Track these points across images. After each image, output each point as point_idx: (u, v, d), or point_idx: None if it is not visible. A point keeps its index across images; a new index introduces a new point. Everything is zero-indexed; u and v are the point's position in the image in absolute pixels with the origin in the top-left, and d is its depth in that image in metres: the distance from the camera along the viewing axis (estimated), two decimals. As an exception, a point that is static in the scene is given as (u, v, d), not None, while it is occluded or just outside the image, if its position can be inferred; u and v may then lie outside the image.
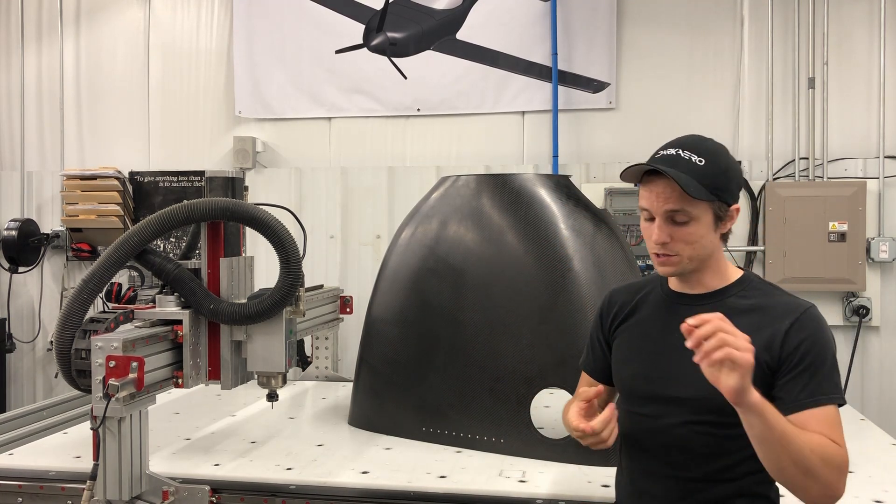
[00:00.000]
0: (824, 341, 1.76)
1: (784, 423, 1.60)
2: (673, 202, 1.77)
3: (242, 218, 2.54)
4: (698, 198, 1.74)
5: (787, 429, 1.60)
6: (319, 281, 4.19)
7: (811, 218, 4.67)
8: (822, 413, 1.69)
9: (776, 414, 1.60)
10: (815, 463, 1.61)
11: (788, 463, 1.61)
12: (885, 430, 3.20)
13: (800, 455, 1.60)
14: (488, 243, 2.98)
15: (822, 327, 1.78)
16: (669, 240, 1.79)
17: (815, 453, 1.61)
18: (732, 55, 4.96)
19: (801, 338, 1.74)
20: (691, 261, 1.82)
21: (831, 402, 1.71)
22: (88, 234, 5.58)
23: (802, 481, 1.62)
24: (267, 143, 5.49)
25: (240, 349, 2.64)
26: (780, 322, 1.76)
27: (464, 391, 2.92)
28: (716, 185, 1.78)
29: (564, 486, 2.50)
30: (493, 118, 5.22)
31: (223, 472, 2.63)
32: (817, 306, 1.83)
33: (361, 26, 5.31)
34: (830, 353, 1.76)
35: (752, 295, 1.84)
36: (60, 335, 2.37)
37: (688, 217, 1.77)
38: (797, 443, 1.60)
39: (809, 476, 1.61)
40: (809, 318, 1.77)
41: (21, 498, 2.56)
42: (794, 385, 1.72)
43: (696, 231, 1.79)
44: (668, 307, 1.91)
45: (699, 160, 1.77)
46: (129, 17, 5.70)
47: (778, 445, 1.60)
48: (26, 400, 5.64)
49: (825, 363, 1.74)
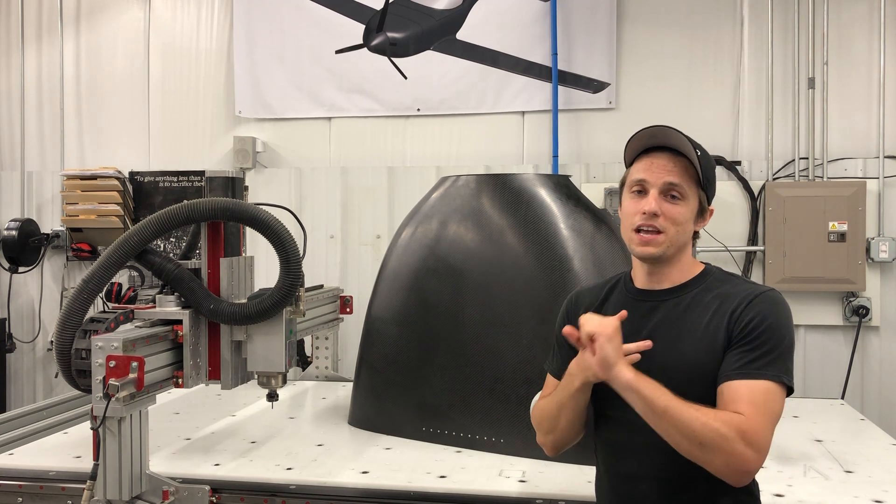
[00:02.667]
0: (776, 321, 1.76)
1: (668, 399, 1.65)
2: (675, 176, 1.82)
3: (242, 218, 2.54)
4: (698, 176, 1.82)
5: (672, 404, 1.64)
6: (319, 281, 4.19)
7: (811, 218, 4.67)
8: (750, 386, 1.69)
9: (657, 391, 1.66)
10: (709, 436, 1.62)
11: (679, 437, 1.65)
12: (885, 430, 3.21)
13: (689, 429, 1.63)
14: (488, 243, 2.98)
15: (778, 308, 1.78)
16: (660, 213, 1.81)
17: (707, 427, 1.62)
18: (732, 55, 4.95)
19: (752, 315, 1.76)
20: (672, 244, 1.84)
21: (764, 378, 1.70)
22: (88, 234, 5.57)
23: (700, 454, 1.65)
24: (267, 143, 5.49)
25: (240, 349, 2.64)
26: (737, 302, 1.79)
27: (464, 391, 2.92)
28: (707, 177, 1.86)
29: (564, 486, 2.50)
30: (493, 118, 5.22)
31: (223, 472, 2.63)
32: (817, 306, 1.84)
33: (361, 26, 5.31)
34: (781, 333, 1.75)
35: (715, 286, 1.86)
36: (60, 335, 2.37)
37: (682, 195, 1.83)
38: (684, 417, 1.63)
39: (706, 449, 1.63)
40: (765, 299, 1.79)
41: (21, 498, 2.57)
42: (733, 356, 1.74)
43: (684, 212, 1.83)
44: (634, 305, 1.89)
45: (696, 150, 1.84)
46: (129, 17, 5.69)
47: (663, 418, 1.65)
48: (26, 400, 5.64)
49: (771, 341, 1.73)
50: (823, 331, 4.74)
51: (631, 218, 1.86)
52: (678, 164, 1.83)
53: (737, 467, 1.64)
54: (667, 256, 1.85)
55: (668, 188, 1.82)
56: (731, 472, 1.66)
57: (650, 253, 1.84)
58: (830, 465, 2.70)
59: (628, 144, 1.91)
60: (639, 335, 1.81)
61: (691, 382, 1.75)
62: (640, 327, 1.84)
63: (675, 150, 1.85)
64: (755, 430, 1.64)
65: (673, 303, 1.85)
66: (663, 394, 1.66)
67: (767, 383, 1.70)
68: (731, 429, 1.62)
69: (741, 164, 4.85)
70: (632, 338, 1.81)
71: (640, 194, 1.85)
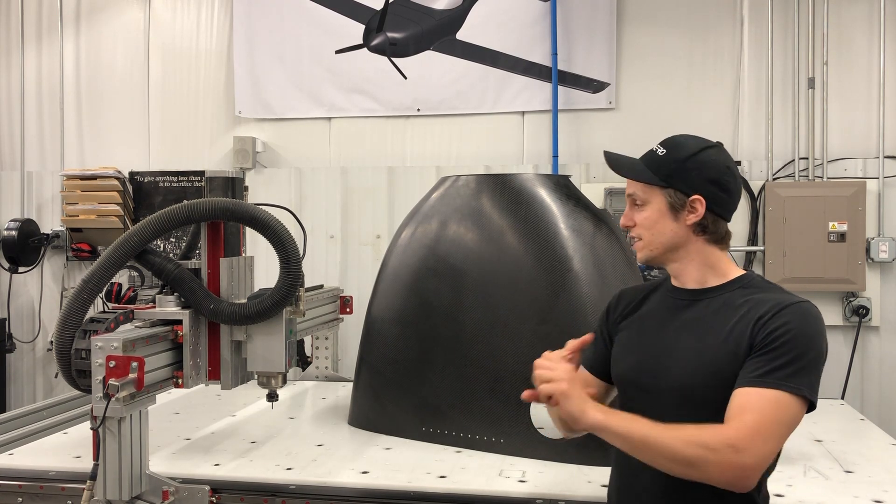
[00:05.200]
0: (802, 332, 1.71)
1: (645, 429, 1.65)
2: (631, 186, 1.93)
3: (242, 218, 2.54)
4: (640, 180, 1.88)
5: (649, 433, 1.65)
6: (319, 281, 4.19)
7: (811, 218, 4.67)
8: (762, 394, 1.66)
9: (633, 424, 1.67)
10: (694, 453, 1.61)
11: (667, 462, 1.65)
12: (885, 430, 3.21)
13: (672, 451, 1.63)
14: (488, 243, 2.98)
15: (808, 321, 1.74)
16: (632, 223, 1.93)
17: (690, 444, 1.62)
18: (732, 55, 4.95)
19: (779, 324, 1.72)
20: (653, 247, 1.90)
21: (780, 389, 1.66)
22: (88, 234, 5.57)
23: (692, 472, 1.64)
24: (267, 143, 5.49)
25: (240, 349, 2.64)
26: (766, 309, 1.76)
27: (464, 391, 2.92)
28: (668, 173, 1.86)
29: (564, 486, 2.50)
30: (493, 118, 5.22)
31: (223, 472, 2.63)
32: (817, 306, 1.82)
33: (361, 26, 5.31)
34: (805, 345, 1.70)
35: (751, 292, 1.85)
36: (60, 335, 2.37)
37: (641, 200, 1.91)
38: (664, 442, 1.63)
39: (695, 466, 1.63)
40: (796, 310, 1.75)
41: (21, 498, 2.57)
42: (752, 363, 1.71)
43: (649, 216, 1.89)
44: (668, 303, 1.95)
45: (661, 151, 1.90)
46: (129, 17, 5.69)
47: (644, 450, 1.67)
48: (26, 400, 5.64)
49: (793, 351, 1.68)
50: (823, 331, 4.74)
51: None
52: None
53: (732, 477, 1.63)
54: (658, 257, 1.92)
55: (631, 199, 1.94)
56: (728, 483, 1.64)
57: (641, 259, 1.95)
58: (830, 465, 2.70)
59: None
60: (665, 329, 1.88)
61: (708, 386, 1.76)
62: (668, 322, 1.90)
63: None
64: (748, 437, 1.61)
65: (705, 304, 1.86)
66: (640, 425, 1.66)
67: (780, 393, 1.65)
68: (718, 440, 1.61)
69: (741, 164, 4.85)
70: (659, 331, 1.90)
71: None
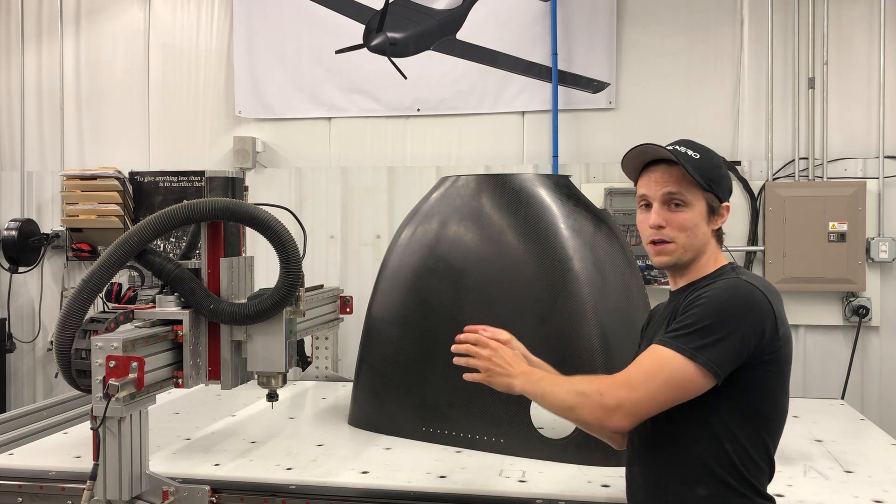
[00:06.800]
0: (714, 303, 1.77)
1: (546, 386, 1.91)
2: (671, 185, 1.87)
3: (242, 218, 2.54)
4: (697, 180, 1.84)
5: (547, 388, 1.90)
6: (319, 281, 4.19)
7: (811, 218, 4.67)
8: (650, 350, 1.81)
9: (539, 384, 1.92)
10: (573, 399, 1.83)
11: (558, 408, 1.89)
12: (885, 430, 3.20)
13: (558, 398, 1.87)
14: (488, 243, 2.98)
15: (724, 294, 1.79)
16: (665, 224, 1.88)
17: (571, 392, 1.85)
18: (732, 55, 4.95)
19: (696, 295, 1.81)
20: (685, 250, 1.89)
21: (666, 346, 1.77)
22: (88, 234, 5.57)
23: (572, 416, 1.87)
24: (267, 143, 5.49)
25: (240, 349, 2.64)
26: (703, 288, 1.84)
27: (464, 391, 2.92)
28: (710, 178, 1.87)
29: (564, 486, 2.50)
30: (493, 118, 5.22)
31: (223, 472, 2.63)
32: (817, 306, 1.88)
33: (361, 26, 5.31)
34: (712, 314, 1.76)
35: (716, 282, 1.87)
36: (60, 335, 2.37)
37: (684, 201, 1.87)
38: (555, 393, 1.88)
39: (572, 410, 1.85)
40: (720, 285, 1.82)
41: (21, 498, 2.57)
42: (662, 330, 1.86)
43: (690, 218, 1.87)
44: (666, 307, 2.01)
45: (695, 154, 1.88)
46: (129, 17, 5.69)
47: (549, 406, 1.91)
48: (26, 400, 5.64)
49: (695, 318, 1.77)
50: (823, 331, 4.74)
51: (644, 232, 1.94)
52: (674, 173, 1.88)
53: (595, 418, 1.81)
54: (684, 262, 1.91)
55: (668, 198, 1.88)
56: (597, 422, 1.82)
57: (664, 262, 1.92)
58: (830, 465, 2.70)
59: (623, 163, 1.98)
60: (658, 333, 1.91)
61: None
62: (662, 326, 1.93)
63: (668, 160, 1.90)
64: (616, 384, 1.79)
65: (682, 299, 1.89)
66: (545, 383, 1.91)
67: (665, 350, 1.76)
68: (592, 387, 1.82)
69: (741, 164, 4.85)
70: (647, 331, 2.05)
71: (647, 208, 1.93)
